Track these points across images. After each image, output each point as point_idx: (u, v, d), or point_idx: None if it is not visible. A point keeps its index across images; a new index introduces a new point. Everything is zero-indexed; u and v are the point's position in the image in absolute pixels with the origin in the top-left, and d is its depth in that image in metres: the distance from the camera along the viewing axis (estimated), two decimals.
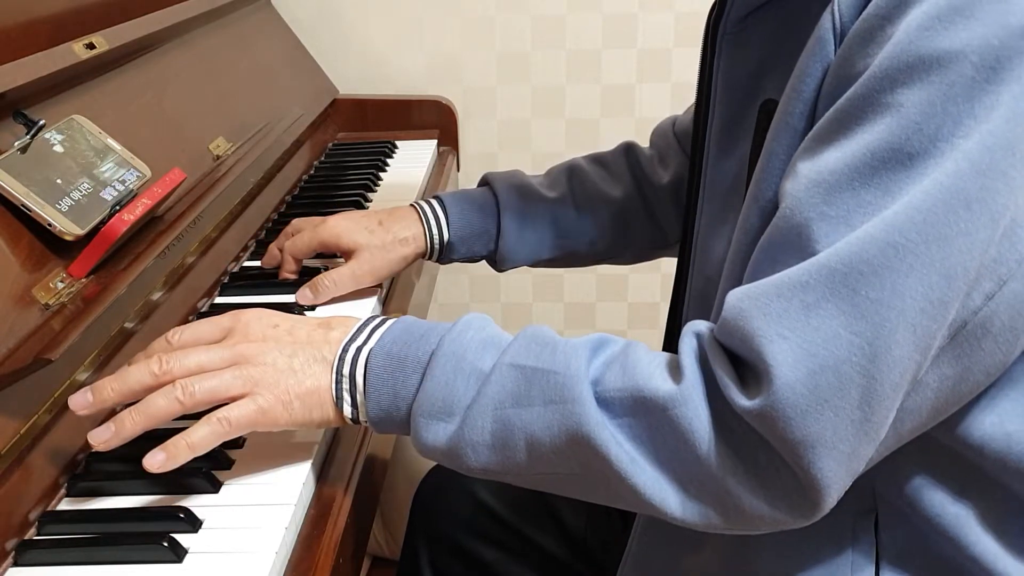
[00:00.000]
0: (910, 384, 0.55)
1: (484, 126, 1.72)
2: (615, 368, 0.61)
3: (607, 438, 0.59)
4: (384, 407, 0.65)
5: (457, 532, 1.01)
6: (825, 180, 0.56)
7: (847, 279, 0.54)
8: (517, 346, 0.64)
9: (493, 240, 1.01)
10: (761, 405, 0.54)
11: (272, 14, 1.54)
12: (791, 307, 0.54)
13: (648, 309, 1.84)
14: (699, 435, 0.57)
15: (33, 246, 0.74)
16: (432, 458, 0.65)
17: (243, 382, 0.65)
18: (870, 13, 0.58)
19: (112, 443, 0.64)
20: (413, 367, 0.65)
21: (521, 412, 0.61)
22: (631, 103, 1.71)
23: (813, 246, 0.56)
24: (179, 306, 0.91)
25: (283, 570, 0.62)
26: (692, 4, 1.63)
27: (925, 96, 0.54)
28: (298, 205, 1.24)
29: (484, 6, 1.65)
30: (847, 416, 0.54)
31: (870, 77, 0.56)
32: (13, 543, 0.63)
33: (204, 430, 0.64)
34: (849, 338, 0.53)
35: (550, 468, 0.63)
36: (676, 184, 1.02)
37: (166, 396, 0.64)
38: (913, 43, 0.54)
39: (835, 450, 0.54)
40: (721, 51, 0.73)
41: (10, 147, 0.76)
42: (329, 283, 0.94)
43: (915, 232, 0.53)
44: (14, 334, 0.67)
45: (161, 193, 0.85)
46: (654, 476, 0.59)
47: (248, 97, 1.27)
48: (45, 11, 0.91)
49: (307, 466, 0.69)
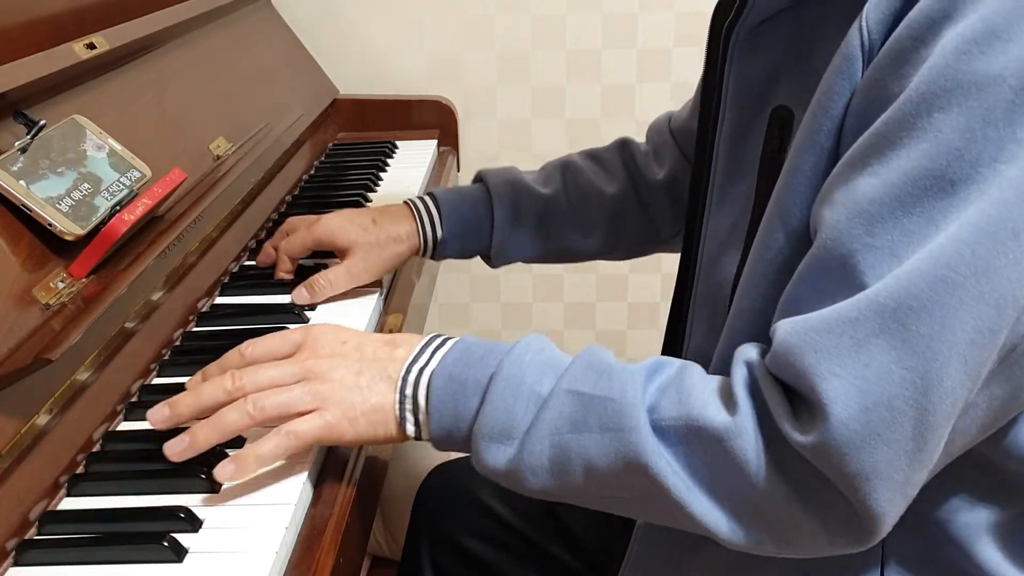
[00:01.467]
0: (961, 410, 0.56)
1: (484, 126, 1.72)
2: (670, 394, 0.62)
3: (663, 466, 0.59)
4: (446, 428, 0.66)
5: (459, 533, 1.01)
6: (866, 210, 0.56)
7: (896, 314, 0.53)
8: (574, 371, 0.64)
9: (487, 236, 1.02)
10: (815, 441, 0.55)
11: (272, 14, 1.54)
12: (842, 343, 0.55)
13: (648, 309, 1.84)
14: (754, 466, 0.58)
15: (33, 246, 0.74)
16: (493, 479, 0.66)
17: (312, 398, 0.67)
18: (902, 34, 0.57)
19: (186, 454, 0.67)
20: (474, 390, 0.66)
21: (579, 438, 0.62)
22: (631, 103, 1.71)
23: (860, 278, 0.56)
24: (179, 306, 0.91)
25: (283, 570, 0.62)
26: (692, 4, 1.64)
27: (964, 121, 0.53)
28: (298, 205, 1.24)
29: (484, 6, 1.65)
30: (901, 448, 0.54)
31: (906, 101, 0.55)
32: (13, 543, 0.63)
33: (272, 443, 0.66)
34: (901, 373, 0.53)
35: (608, 492, 0.64)
36: (671, 180, 1.02)
37: (238, 411, 0.66)
38: (950, 67, 0.54)
39: (890, 480, 0.54)
40: (733, 56, 0.73)
41: (10, 147, 0.76)
42: (325, 282, 0.94)
43: (964, 266, 0.53)
44: (14, 334, 0.67)
45: (161, 193, 0.85)
46: (710, 504, 0.60)
47: (248, 97, 1.27)
48: (45, 11, 0.91)
49: (307, 466, 0.69)
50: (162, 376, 0.83)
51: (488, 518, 1.01)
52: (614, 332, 1.87)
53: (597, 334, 1.87)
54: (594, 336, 1.87)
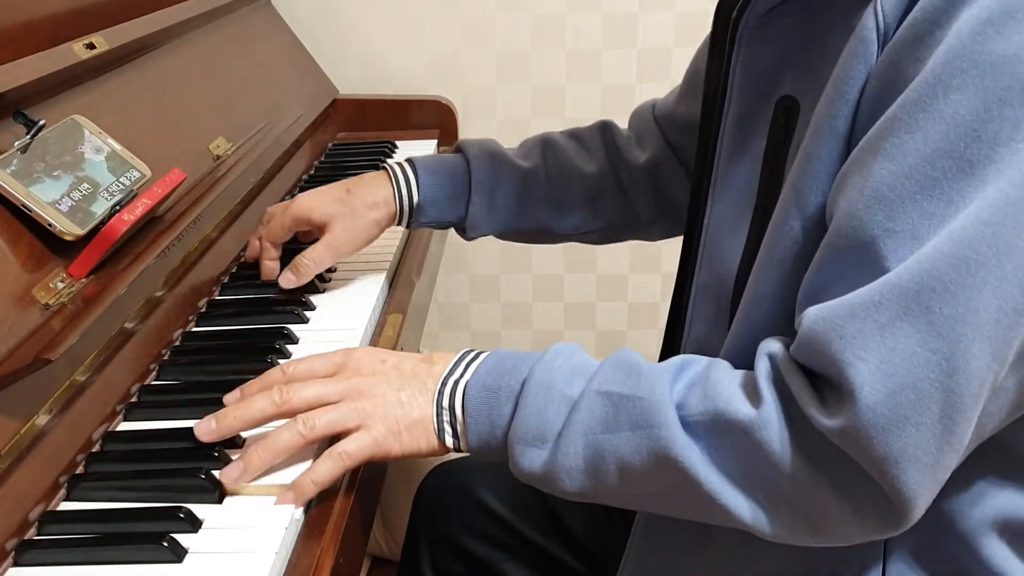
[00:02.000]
0: (990, 391, 0.55)
1: (484, 126, 1.72)
2: (697, 391, 0.62)
3: (695, 460, 0.60)
4: (483, 436, 0.68)
5: (458, 532, 1.01)
6: (886, 196, 0.56)
7: (919, 297, 0.54)
8: (603, 373, 0.65)
9: (463, 205, 1.00)
10: (843, 425, 0.55)
11: (272, 14, 1.54)
12: (866, 328, 0.55)
13: (648, 309, 1.84)
14: (783, 456, 0.58)
15: (33, 246, 0.74)
16: (530, 483, 0.67)
17: (358, 415, 0.68)
18: (917, 17, 0.57)
19: (243, 479, 0.67)
20: (507, 397, 0.67)
21: (611, 438, 0.63)
22: (631, 103, 1.68)
23: (883, 263, 0.56)
24: (179, 306, 0.91)
25: (283, 570, 0.62)
26: (692, 4, 1.63)
27: (980, 102, 0.53)
28: None
29: (484, 6, 1.65)
30: (929, 430, 0.54)
31: (921, 83, 0.56)
32: (13, 543, 0.63)
33: (327, 466, 0.67)
34: (926, 355, 0.54)
35: (643, 489, 0.64)
36: (653, 165, 1.03)
37: (289, 431, 0.68)
38: (965, 48, 0.54)
39: (919, 463, 0.55)
40: (740, 45, 0.73)
41: (10, 147, 0.76)
42: (308, 261, 0.94)
43: (985, 246, 0.53)
44: (14, 334, 0.67)
45: (161, 193, 0.85)
46: (743, 496, 0.60)
47: (248, 97, 1.27)
48: (45, 11, 0.91)
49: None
50: (162, 376, 0.83)
51: (487, 517, 1.01)
52: (614, 332, 1.87)
53: (597, 334, 1.87)
54: (594, 336, 1.87)
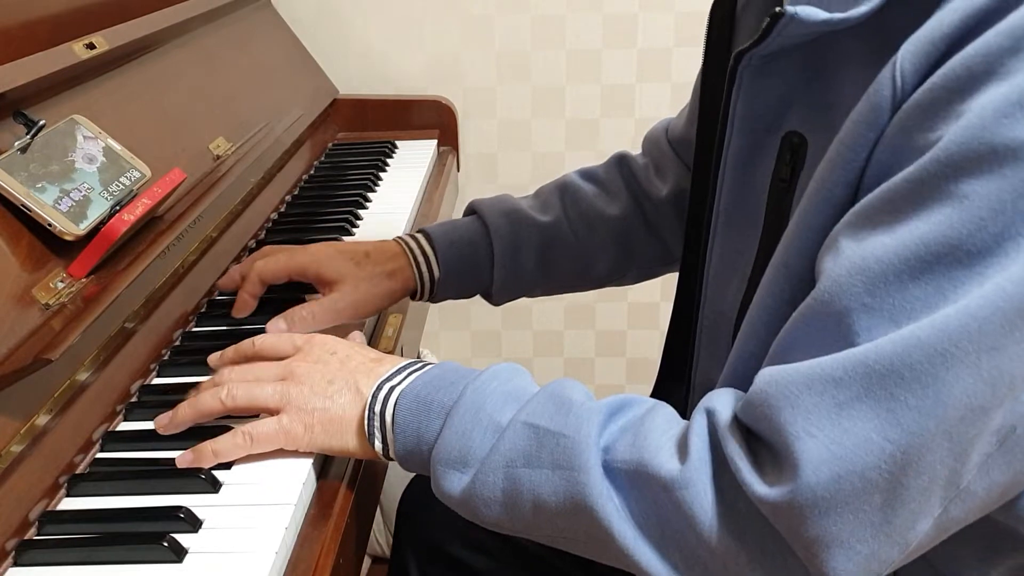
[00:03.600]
0: (944, 489, 0.52)
1: (484, 126, 1.73)
2: (628, 437, 0.59)
3: (611, 510, 0.58)
4: (409, 448, 0.67)
5: (445, 540, 0.99)
6: (871, 268, 0.52)
7: (885, 382, 0.50)
8: (535, 403, 0.63)
9: (487, 273, 0.95)
10: (778, 498, 0.52)
11: (272, 14, 1.54)
12: (822, 403, 0.51)
13: (648, 309, 1.84)
14: (703, 520, 0.55)
15: (33, 246, 0.74)
16: (451, 507, 0.66)
17: (280, 397, 0.69)
18: (936, 83, 0.52)
19: (169, 429, 0.72)
20: (437, 412, 0.65)
21: (531, 473, 0.61)
22: (631, 103, 1.71)
23: (852, 338, 0.52)
24: (179, 306, 0.91)
25: (283, 570, 0.62)
26: (692, 4, 1.64)
27: (995, 190, 0.49)
28: (298, 205, 1.24)
29: (484, 6, 1.65)
30: (867, 518, 0.51)
31: (932, 160, 0.51)
32: (13, 543, 0.63)
33: (227, 440, 0.68)
34: (881, 444, 0.50)
35: (557, 532, 0.62)
36: (677, 194, 0.97)
37: (212, 394, 0.70)
38: (987, 129, 0.49)
39: (851, 550, 0.52)
40: (742, 79, 0.68)
41: (10, 147, 0.76)
42: (307, 314, 0.85)
43: (967, 341, 0.49)
44: (14, 334, 0.67)
45: (161, 193, 0.85)
46: (656, 555, 0.57)
47: (248, 97, 1.27)
48: (45, 11, 0.91)
49: (307, 466, 0.69)
50: (162, 376, 0.83)
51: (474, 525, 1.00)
52: (614, 332, 1.87)
53: (597, 334, 1.87)
54: (594, 336, 1.87)
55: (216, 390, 0.70)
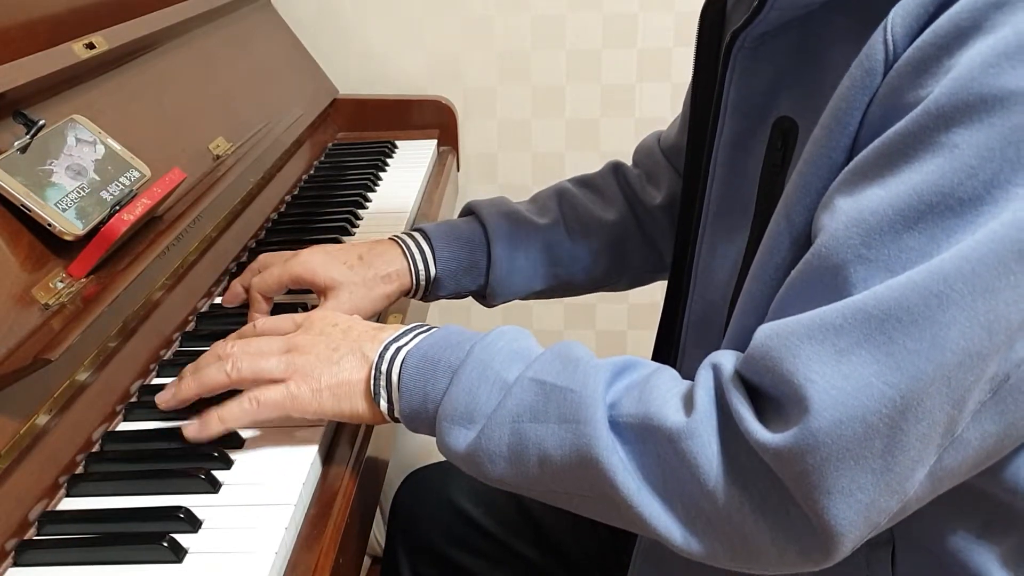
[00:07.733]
0: (942, 437, 0.53)
1: (484, 126, 1.73)
2: (633, 393, 0.60)
3: (616, 463, 0.58)
4: (415, 407, 0.67)
5: (436, 540, 1.00)
6: (866, 220, 0.53)
7: (883, 326, 0.51)
8: (542, 361, 0.64)
9: (483, 273, 0.95)
10: (781, 443, 0.52)
11: (272, 14, 1.54)
12: (823, 351, 0.52)
13: (648, 309, 1.84)
14: (707, 471, 0.56)
15: (33, 246, 0.74)
16: (455, 463, 0.66)
17: (285, 367, 0.69)
18: (926, 41, 0.53)
19: (171, 404, 0.72)
20: (444, 371, 0.66)
21: (537, 427, 0.61)
22: (631, 103, 1.71)
23: (850, 290, 0.53)
24: (179, 306, 0.91)
25: (283, 570, 0.62)
26: (692, 4, 1.62)
27: (983, 138, 0.50)
28: (298, 205, 1.24)
29: (484, 6, 1.65)
30: (868, 465, 0.52)
31: (923, 112, 0.52)
32: (13, 543, 0.63)
33: (234, 407, 0.69)
34: (881, 388, 0.51)
35: (561, 487, 0.62)
36: (670, 203, 0.98)
37: (217, 368, 0.71)
38: (976, 80, 0.50)
39: (852, 498, 0.52)
40: (735, 66, 0.70)
41: (10, 147, 0.76)
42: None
43: (962, 283, 0.50)
44: (14, 334, 0.67)
45: (161, 193, 0.85)
46: (660, 506, 0.58)
47: (248, 97, 1.27)
48: (45, 11, 0.91)
49: (307, 466, 0.69)
50: (162, 376, 0.83)
51: (464, 524, 0.99)
52: (614, 332, 1.87)
53: (597, 334, 1.87)
54: (594, 336, 1.87)
55: (220, 363, 0.70)
